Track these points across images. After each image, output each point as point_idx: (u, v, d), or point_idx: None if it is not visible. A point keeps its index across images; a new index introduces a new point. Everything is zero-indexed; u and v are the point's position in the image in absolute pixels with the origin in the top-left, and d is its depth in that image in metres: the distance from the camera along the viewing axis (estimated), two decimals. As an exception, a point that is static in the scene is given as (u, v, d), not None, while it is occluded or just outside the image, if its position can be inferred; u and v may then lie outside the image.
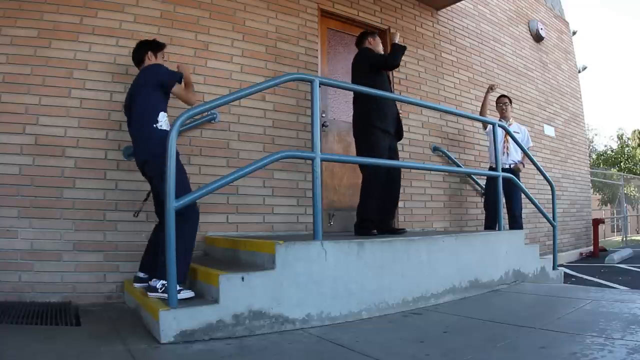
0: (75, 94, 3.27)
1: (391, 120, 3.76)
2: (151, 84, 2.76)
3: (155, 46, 3.00)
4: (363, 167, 3.69)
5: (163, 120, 2.74)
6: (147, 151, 2.71)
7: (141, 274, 2.90)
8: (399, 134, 3.90)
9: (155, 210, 3.00)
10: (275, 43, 4.23)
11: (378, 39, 3.95)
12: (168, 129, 2.69)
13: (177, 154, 2.77)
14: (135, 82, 2.85)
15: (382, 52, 3.93)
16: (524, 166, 5.16)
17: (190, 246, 2.62)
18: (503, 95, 5.42)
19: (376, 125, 3.64)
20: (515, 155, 5.05)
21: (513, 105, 6.61)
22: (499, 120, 4.82)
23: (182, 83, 2.90)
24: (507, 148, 4.99)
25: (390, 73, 3.97)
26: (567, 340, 2.12)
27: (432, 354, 2.01)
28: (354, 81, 3.70)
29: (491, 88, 5.28)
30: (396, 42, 3.82)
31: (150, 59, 2.95)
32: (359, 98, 3.73)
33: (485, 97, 5.27)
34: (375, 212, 3.60)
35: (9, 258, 2.96)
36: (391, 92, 3.70)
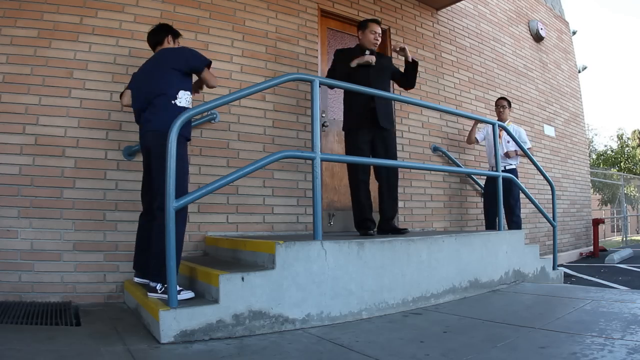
0: (75, 94, 3.27)
1: (363, 113, 3.66)
2: (177, 65, 2.70)
3: (176, 32, 2.99)
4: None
5: (183, 98, 2.70)
6: (157, 122, 2.62)
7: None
8: (377, 122, 3.66)
9: (142, 194, 2.90)
10: (275, 43, 4.23)
11: (366, 31, 3.80)
12: (188, 107, 2.69)
13: (187, 154, 2.75)
14: (155, 61, 2.78)
15: (372, 42, 3.81)
16: (516, 154, 5.18)
17: (180, 247, 2.56)
18: (502, 98, 5.45)
19: (347, 125, 3.77)
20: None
21: (513, 105, 6.64)
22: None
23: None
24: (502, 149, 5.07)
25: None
26: (567, 340, 2.12)
27: (432, 354, 2.01)
28: None
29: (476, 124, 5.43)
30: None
31: (170, 43, 2.93)
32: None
33: (473, 125, 5.42)
34: (364, 211, 3.63)
35: (9, 258, 2.96)
36: (369, 84, 3.50)
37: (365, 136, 3.67)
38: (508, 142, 5.13)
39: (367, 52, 3.77)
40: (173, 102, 2.67)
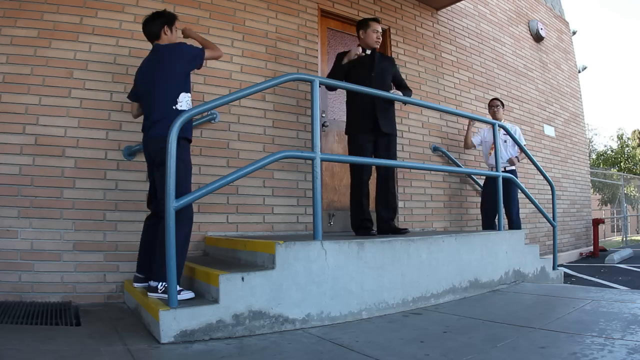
0: (75, 94, 3.27)
1: (365, 118, 3.65)
2: (179, 67, 2.68)
3: (170, 19, 2.84)
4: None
5: (184, 101, 2.65)
6: (158, 129, 2.59)
7: (140, 274, 2.90)
8: (379, 127, 3.64)
9: (148, 203, 2.90)
10: (275, 43, 4.23)
11: (368, 31, 3.73)
12: (188, 109, 2.59)
13: (189, 155, 2.72)
14: (156, 60, 2.72)
15: (374, 41, 3.77)
16: (518, 160, 5.20)
17: (185, 247, 2.58)
18: (495, 99, 5.44)
19: (350, 128, 3.74)
20: (506, 155, 5.09)
21: (513, 105, 6.65)
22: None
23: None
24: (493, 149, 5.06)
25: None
26: (567, 340, 2.12)
27: (432, 354, 2.01)
28: None
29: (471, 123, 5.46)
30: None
31: (167, 34, 2.80)
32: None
33: (468, 129, 5.44)
34: (365, 212, 3.62)
35: (9, 258, 2.96)
36: (369, 83, 3.50)
37: (368, 137, 3.65)
38: (505, 141, 5.11)
39: (359, 49, 3.66)
40: (174, 107, 2.62)
